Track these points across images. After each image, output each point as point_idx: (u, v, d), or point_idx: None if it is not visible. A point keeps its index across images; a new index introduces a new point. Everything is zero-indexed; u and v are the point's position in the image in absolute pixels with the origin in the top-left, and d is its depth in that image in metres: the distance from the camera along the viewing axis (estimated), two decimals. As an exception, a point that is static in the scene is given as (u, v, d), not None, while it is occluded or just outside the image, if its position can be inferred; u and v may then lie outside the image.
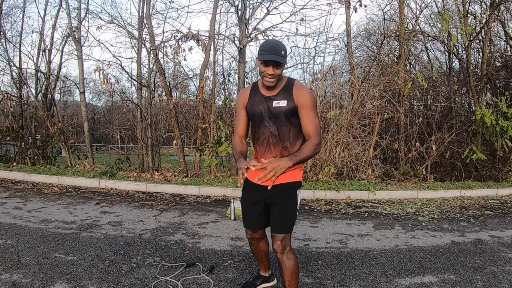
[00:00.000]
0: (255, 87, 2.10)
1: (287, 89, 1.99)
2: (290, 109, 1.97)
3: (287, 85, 2.01)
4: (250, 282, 2.42)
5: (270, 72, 1.90)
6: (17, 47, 8.68)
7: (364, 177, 6.21)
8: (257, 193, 2.07)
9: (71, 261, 2.79)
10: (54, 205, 4.56)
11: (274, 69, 1.89)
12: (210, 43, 7.02)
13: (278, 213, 1.99)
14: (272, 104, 1.99)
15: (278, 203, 1.99)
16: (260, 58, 1.90)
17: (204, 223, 4.00)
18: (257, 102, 2.05)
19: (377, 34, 9.25)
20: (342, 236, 3.64)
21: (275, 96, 2.00)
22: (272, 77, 1.91)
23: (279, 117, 1.99)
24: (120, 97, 10.26)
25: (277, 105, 1.98)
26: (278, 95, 2.00)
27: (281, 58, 1.87)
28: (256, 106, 2.05)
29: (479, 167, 6.91)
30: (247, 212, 2.18)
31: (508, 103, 6.45)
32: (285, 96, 1.98)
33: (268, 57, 1.86)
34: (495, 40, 8.57)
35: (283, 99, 1.98)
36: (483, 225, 4.10)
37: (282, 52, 1.88)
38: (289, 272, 1.95)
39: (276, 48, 1.88)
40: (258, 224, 2.16)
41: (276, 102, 1.98)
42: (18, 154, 7.74)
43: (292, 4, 10.13)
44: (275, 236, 1.96)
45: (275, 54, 1.86)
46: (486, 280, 2.61)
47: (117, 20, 7.51)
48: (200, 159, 6.96)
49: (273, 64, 1.88)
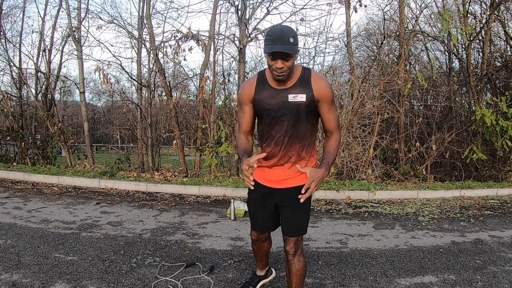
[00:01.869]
0: (262, 78, 1.79)
1: (305, 81, 1.72)
2: (310, 103, 1.72)
3: (303, 76, 1.73)
4: (248, 283, 2.41)
5: (280, 66, 1.60)
6: (17, 47, 8.68)
7: (364, 177, 6.21)
8: (268, 195, 1.94)
9: (71, 261, 2.79)
10: (54, 205, 4.56)
11: (284, 62, 1.60)
12: (210, 43, 7.02)
13: (292, 216, 1.87)
14: (288, 98, 1.72)
15: (292, 206, 1.86)
16: (266, 50, 1.59)
17: (204, 223, 4.00)
18: (267, 97, 1.76)
19: (377, 34, 9.25)
20: (342, 236, 3.64)
21: (290, 89, 1.72)
22: (282, 71, 1.62)
23: (297, 113, 1.74)
24: (120, 97, 10.25)
25: (294, 100, 1.71)
26: (294, 87, 1.72)
27: (291, 47, 1.56)
28: (267, 101, 1.76)
29: (479, 167, 6.91)
30: (257, 215, 2.04)
31: (508, 103, 6.44)
32: (303, 89, 1.71)
33: (275, 48, 1.55)
34: (495, 40, 8.57)
35: (301, 92, 1.71)
36: (483, 225, 4.10)
37: (291, 39, 1.56)
38: (298, 274, 1.89)
39: (282, 36, 1.56)
40: (266, 227, 2.07)
41: (293, 96, 1.71)
42: (18, 154, 7.74)
43: (292, 4, 10.15)
44: (288, 239, 1.88)
45: (282, 44, 1.55)
46: (486, 280, 2.61)
47: (117, 20, 7.50)
48: (200, 159, 6.96)
49: (281, 56, 1.59)
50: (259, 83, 1.79)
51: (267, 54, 1.61)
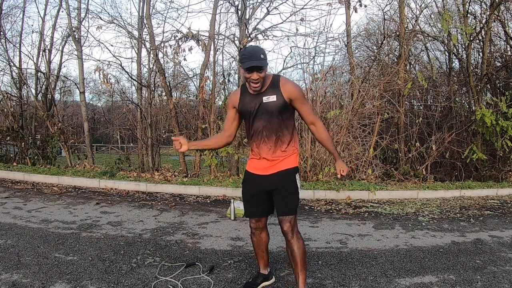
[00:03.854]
0: (244, 89, 2.21)
1: (275, 85, 2.14)
2: (280, 103, 2.12)
3: (273, 82, 2.15)
4: (251, 283, 2.43)
5: (255, 77, 2.04)
6: (17, 47, 8.69)
7: (364, 177, 6.21)
8: (257, 183, 2.24)
9: (71, 261, 2.79)
10: (54, 205, 4.57)
11: (258, 74, 2.04)
12: (210, 43, 7.02)
13: (282, 198, 2.15)
14: (263, 100, 2.13)
15: (280, 189, 2.15)
16: (243, 66, 2.03)
17: (204, 223, 4.00)
18: (248, 101, 2.18)
19: (377, 34, 9.25)
20: (342, 236, 3.64)
21: (264, 93, 2.14)
22: (257, 81, 2.06)
23: (270, 111, 2.13)
24: (120, 97, 10.27)
25: (267, 100, 2.12)
26: (266, 91, 2.14)
27: (262, 61, 2.02)
28: (248, 105, 2.18)
29: (479, 167, 6.91)
30: (250, 203, 2.29)
31: (508, 103, 6.45)
32: (274, 91, 2.13)
33: (249, 63, 2.00)
34: (495, 40, 8.57)
35: (272, 94, 2.12)
36: (483, 225, 4.10)
37: (261, 56, 2.02)
38: (300, 251, 2.10)
39: (254, 53, 2.03)
40: (261, 212, 2.30)
41: (266, 98, 2.12)
42: (18, 154, 7.74)
43: (292, 4, 10.13)
44: (283, 219, 2.11)
45: (255, 59, 2.00)
46: (486, 280, 2.61)
47: (117, 20, 7.52)
48: (200, 159, 6.96)
49: (256, 69, 2.02)
50: (242, 92, 2.23)
51: (245, 69, 2.03)
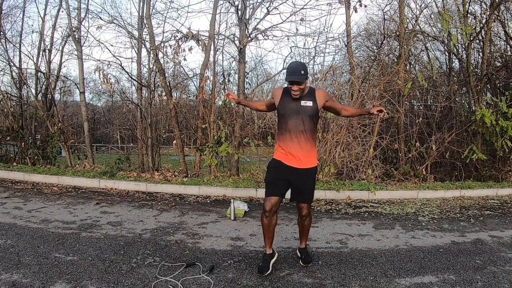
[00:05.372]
0: (287, 90, 2.71)
1: (312, 94, 2.73)
2: (314, 108, 2.70)
3: (310, 91, 2.74)
4: (263, 265, 2.68)
5: (295, 89, 2.59)
6: (17, 47, 8.68)
7: (364, 177, 6.20)
8: (285, 173, 2.71)
9: (71, 261, 2.80)
10: (54, 205, 4.57)
11: (298, 86, 2.58)
12: (210, 43, 7.02)
13: (304, 190, 2.74)
14: (301, 103, 2.67)
15: (305, 182, 2.72)
16: (286, 79, 2.59)
17: (204, 223, 4.00)
18: (288, 101, 2.71)
19: (377, 34, 9.24)
20: (342, 236, 3.64)
21: (301, 98, 2.68)
22: (297, 92, 2.61)
23: (305, 113, 2.68)
24: (120, 97, 10.25)
25: (304, 104, 2.68)
26: (304, 97, 2.69)
27: (301, 77, 2.54)
28: (288, 104, 2.71)
29: (479, 167, 6.91)
30: (275, 184, 2.70)
31: (508, 103, 6.44)
32: (310, 98, 2.70)
33: (291, 78, 2.54)
34: (495, 40, 8.56)
35: (309, 100, 2.69)
36: (483, 225, 4.10)
37: (302, 72, 2.54)
38: (308, 225, 2.92)
39: (296, 69, 2.55)
40: (279, 193, 2.70)
41: (304, 102, 2.68)
42: (18, 154, 7.74)
43: (292, 4, 10.09)
44: (304, 206, 2.78)
45: (296, 75, 2.53)
46: (486, 280, 2.61)
47: (117, 20, 7.49)
48: (200, 159, 6.96)
49: (296, 83, 2.56)
50: (284, 92, 2.76)
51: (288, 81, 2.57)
